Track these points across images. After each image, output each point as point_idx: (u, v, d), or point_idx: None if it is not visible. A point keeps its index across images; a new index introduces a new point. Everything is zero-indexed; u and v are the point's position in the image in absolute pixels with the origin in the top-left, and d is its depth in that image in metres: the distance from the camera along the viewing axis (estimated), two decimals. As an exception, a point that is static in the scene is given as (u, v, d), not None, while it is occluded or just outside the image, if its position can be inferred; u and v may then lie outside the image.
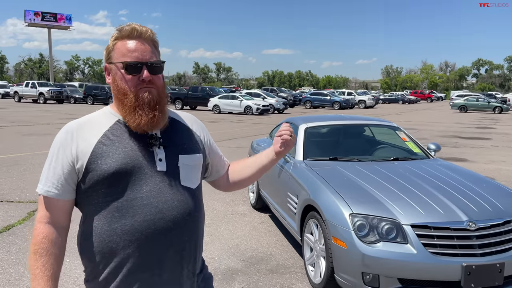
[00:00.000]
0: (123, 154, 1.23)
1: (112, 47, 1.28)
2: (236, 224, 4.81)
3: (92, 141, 1.23)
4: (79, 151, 1.22)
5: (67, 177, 1.23)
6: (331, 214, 3.00)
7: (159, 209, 1.22)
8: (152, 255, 1.22)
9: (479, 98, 34.05)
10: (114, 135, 1.25)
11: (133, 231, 1.20)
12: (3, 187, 6.15)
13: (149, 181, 1.23)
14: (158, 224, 1.21)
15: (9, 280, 3.32)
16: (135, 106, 1.23)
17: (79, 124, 1.28)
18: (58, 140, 1.26)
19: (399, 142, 4.62)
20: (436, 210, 2.88)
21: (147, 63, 1.24)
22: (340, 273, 2.88)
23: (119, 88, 1.25)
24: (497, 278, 2.69)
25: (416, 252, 2.68)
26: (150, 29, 1.28)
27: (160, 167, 1.26)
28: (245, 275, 3.50)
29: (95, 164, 1.21)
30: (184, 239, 1.27)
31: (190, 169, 1.32)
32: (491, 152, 10.98)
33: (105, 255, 1.22)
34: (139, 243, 1.20)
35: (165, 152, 1.28)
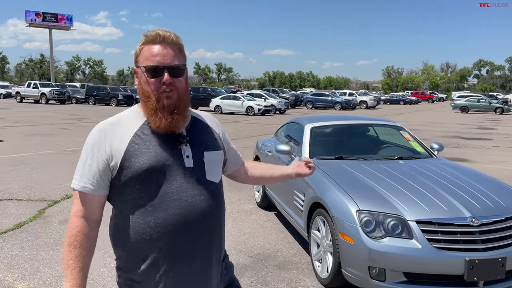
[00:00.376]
0: (154, 152, 1.30)
1: (139, 52, 1.35)
2: (242, 222, 4.91)
3: (125, 140, 1.31)
4: (113, 149, 1.30)
5: (102, 174, 1.31)
6: (338, 211, 3.09)
7: (188, 202, 1.31)
8: (183, 246, 1.31)
9: (480, 99, 34.12)
10: (144, 134, 1.33)
11: (165, 224, 1.28)
12: (12, 186, 6.25)
13: (178, 177, 1.31)
14: (188, 217, 1.30)
15: (24, 274, 3.42)
16: (156, 109, 1.31)
17: (110, 123, 1.36)
18: (92, 138, 1.33)
19: (403, 142, 4.72)
20: (440, 206, 2.97)
21: (168, 67, 1.30)
22: (347, 268, 2.97)
23: (143, 91, 1.34)
24: (499, 272, 2.78)
25: (421, 247, 2.77)
26: (174, 34, 1.34)
27: (188, 164, 1.34)
28: (253, 270, 3.60)
29: (129, 162, 1.29)
30: (211, 229, 1.36)
31: (213, 164, 1.41)
32: (492, 153, 11.06)
33: (139, 247, 1.30)
34: (172, 235, 1.29)
35: (191, 149, 1.36)
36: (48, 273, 3.45)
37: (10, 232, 4.35)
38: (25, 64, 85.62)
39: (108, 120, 1.38)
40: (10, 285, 3.23)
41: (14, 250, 3.89)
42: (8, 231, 4.39)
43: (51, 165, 7.98)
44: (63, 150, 9.78)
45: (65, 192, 5.92)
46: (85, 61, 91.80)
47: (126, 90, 34.63)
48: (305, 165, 1.76)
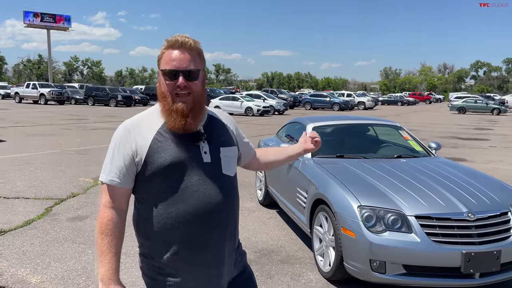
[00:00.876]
0: (175, 149, 1.41)
1: (161, 56, 1.45)
2: (245, 219, 5.03)
3: (148, 137, 1.42)
4: (138, 146, 1.41)
5: (128, 168, 1.42)
6: (340, 207, 3.22)
7: (206, 194, 1.42)
8: (202, 234, 1.42)
9: (478, 100, 34.35)
10: (166, 132, 1.43)
11: (185, 214, 1.39)
12: (18, 185, 6.36)
13: (197, 171, 1.42)
14: (207, 208, 1.41)
15: (36, 269, 3.53)
16: (171, 110, 1.41)
17: (134, 122, 1.47)
18: (118, 136, 1.45)
19: (401, 141, 4.86)
20: (438, 202, 3.11)
21: (183, 71, 1.40)
22: (349, 261, 3.10)
23: (160, 92, 1.45)
24: (494, 265, 2.91)
25: (419, 241, 2.90)
26: (193, 40, 1.44)
27: (206, 159, 1.45)
28: (258, 264, 3.73)
29: (152, 158, 1.40)
30: (227, 219, 1.48)
31: (229, 159, 1.52)
32: (489, 153, 11.22)
33: (161, 235, 1.41)
34: (191, 224, 1.40)
35: (209, 146, 1.47)
36: (60, 267, 3.57)
37: (19, 229, 4.46)
38: (23, 65, 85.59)
39: (132, 119, 1.49)
40: (23, 279, 3.34)
41: (25, 246, 4.01)
42: (18, 228, 4.50)
43: (54, 164, 8.09)
44: (66, 150, 9.88)
45: (71, 191, 6.03)
46: (83, 61, 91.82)
47: (125, 91, 34.73)
48: (312, 140, 1.88)
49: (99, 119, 19.61)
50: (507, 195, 3.38)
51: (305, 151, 1.87)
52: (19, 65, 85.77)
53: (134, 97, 32.87)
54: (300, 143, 1.89)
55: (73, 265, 3.62)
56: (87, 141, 11.63)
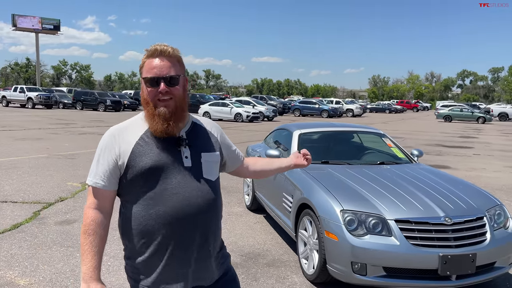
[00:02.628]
0: (156, 153, 1.48)
1: (142, 64, 1.53)
2: (233, 224, 5.11)
3: (132, 142, 1.50)
4: (121, 151, 1.49)
5: (112, 172, 1.50)
6: (323, 211, 3.33)
7: (185, 197, 1.48)
8: (182, 236, 1.48)
9: (463, 109, 35.01)
10: (148, 137, 1.51)
11: (165, 216, 1.45)
12: (5, 189, 6.35)
13: (177, 174, 1.49)
14: (186, 210, 1.47)
15: (24, 272, 3.57)
16: (153, 114, 1.49)
17: (120, 128, 1.55)
18: (104, 141, 1.53)
19: (385, 148, 5.00)
20: (417, 207, 3.24)
21: (164, 77, 1.48)
22: (332, 263, 3.21)
23: (143, 99, 1.52)
24: (470, 267, 3.05)
25: (399, 244, 3.03)
26: (171, 47, 1.52)
27: (186, 163, 1.52)
28: (244, 268, 3.81)
29: (134, 161, 1.47)
30: (207, 222, 1.53)
31: (210, 164, 1.59)
32: (473, 160, 11.48)
33: (143, 236, 1.48)
34: (171, 225, 1.46)
35: (190, 150, 1.54)
36: (48, 270, 3.61)
37: (7, 233, 4.48)
38: (11, 68, 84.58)
39: (119, 125, 1.57)
40: (12, 282, 3.38)
41: (13, 249, 4.03)
42: (6, 231, 4.52)
43: (42, 169, 8.08)
44: (54, 155, 9.85)
45: (59, 195, 6.05)
46: (72, 65, 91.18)
47: (114, 96, 34.59)
48: (303, 156, 1.94)
49: (88, 124, 19.53)
50: (484, 201, 3.53)
51: (295, 166, 1.93)
52: (6, 69, 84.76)
53: (123, 102, 32.74)
54: (292, 158, 1.94)
55: (61, 268, 3.66)
56: (75, 146, 11.60)
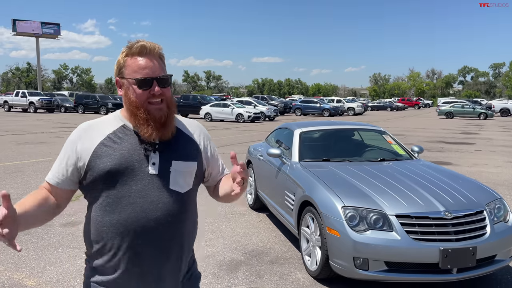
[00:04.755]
0: (120, 155, 1.35)
1: (124, 63, 1.39)
2: (236, 222, 5.17)
3: (95, 141, 1.37)
4: (83, 149, 1.37)
5: (69, 171, 1.38)
6: (325, 208, 3.38)
7: (143, 208, 1.34)
8: (134, 249, 1.34)
9: (465, 105, 34.95)
10: (116, 137, 1.38)
11: (118, 225, 1.33)
12: (11, 192, 6.41)
13: (139, 182, 1.35)
14: (141, 222, 1.33)
15: (32, 273, 3.62)
16: (147, 119, 1.35)
17: (89, 125, 1.43)
18: (70, 137, 1.42)
19: (385, 145, 5.04)
20: (417, 202, 3.28)
21: (157, 78, 1.36)
22: (334, 259, 3.25)
23: (131, 101, 1.37)
24: (470, 260, 3.09)
25: (400, 238, 3.07)
26: (157, 45, 1.39)
27: (152, 171, 1.36)
28: (247, 265, 3.86)
29: (95, 162, 1.35)
30: (166, 237, 1.37)
31: (181, 174, 1.41)
32: (475, 156, 11.49)
33: (97, 242, 1.38)
34: (123, 236, 1.33)
35: (160, 157, 1.38)
36: (55, 271, 3.66)
37: (14, 235, 4.53)
38: (12, 73, 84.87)
39: (90, 121, 1.46)
40: (20, 282, 3.43)
41: (21, 251, 4.09)
42: (12, 234, 4.57)
43: (47, 172, 8.13)
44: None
45: (63, 198, 6.10)
46: (72, 69, 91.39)
47: (116, 98, 34.64)
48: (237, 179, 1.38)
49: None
50: (483, 195, 3.57)
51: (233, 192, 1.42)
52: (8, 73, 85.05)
53: (124, 105, 32.78)
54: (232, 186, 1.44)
55: (68, 269, 3.72)
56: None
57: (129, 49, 1.38)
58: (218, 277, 3.62)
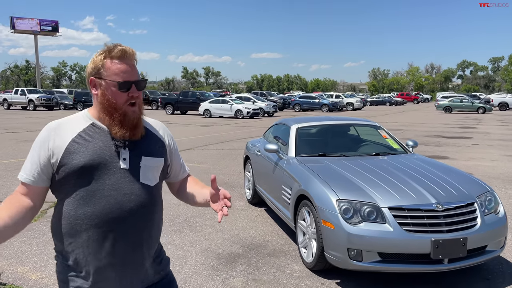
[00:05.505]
0: (92, 152, 1.42)
1: (102, 65, 1.45)
2: (234, 217, 5.26)
3: (67, 139, 1.44)
4: (55, 147, 1.43)
5: (43, 168, 1.43)
6: (320, 201, 3.47)
7: (117, 200, 1.42)
8: (109, 239, 1.41)
9: (463, 99, 35.01)
10: (87, 135, 1.45)
11: (93, 217, 1.40)
12: (12, 189, 6.50)
13: (112, 176, 1.43)
14: (115, 213, 1.41)
15: (35, 267, 3.72)
16: (121, 121, 1.45)
17: (58, 124, 1.49)
18: (40, 136, 1.47)
19: (380, 140, 5.13)
20: (409, 194, 3.38)
21: (135, 82, 1.46)
22: (329, 251, 3.35)
23: (110, 103, 1.44)
24: (461, 251, 3.18)
25: (392, 230, 3.16)
26: (133, 50, 1.49)
27: (123, 165, 1.45)
28: (245, 258, 3.96)
29: (67, 159, 1.41)
30: (139, 227, 1.47)
31: (150, 169, 1.52)
32: (472, 150, 11.58)
33: (70, 236, 1.43)
34: (98, 227, 1.40)
35: (130, 153, 1.47)
36: (58, 265, 3.76)
37: (16, 231, 4.63)
38: (10, 71, 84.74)
39: (57, 120, 1.51)
40: (23, 276, 3.53)
41: (23, 246, 4.19)
42: (15, 229, 4.67)
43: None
44: (57, 155, 10.00)
45: (64, 194, 6.20)
46: (71, 66, 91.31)
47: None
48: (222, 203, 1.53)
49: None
50: (475, 187, 3.67)
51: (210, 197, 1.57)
52: (6, 71, 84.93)
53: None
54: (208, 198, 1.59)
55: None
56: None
57: (108, 52, 1.45)
58: (216, 269, 3.71)
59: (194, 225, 4.94)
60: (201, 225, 4.93)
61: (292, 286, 3.42)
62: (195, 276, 3.58)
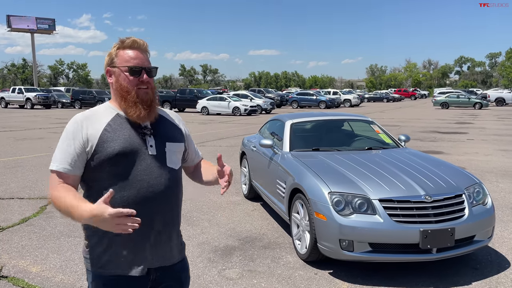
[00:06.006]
0: (123, 140, 1.54)
1: (116, 54, 1.59)
2: (231, 211, 5.36)
3: (99, 128, 1.54)
4: (89, 135, 1.52)
5: (79, 157, 1.52)
6: (313, 194, 3.57)
7: (150, 184, 1.55)
8: (145, 219, 1.50)
9: (460, 95, 35.15)
10: (115, 125, 1.56)
11: (129, 200, 1.51)
12: (11, 186, 6.59)
13: (143, 162, 1.55)
14: (149, 195, 1.54)
15: (36, 260, 3.81)
16: (136, 101, 1.56)
17: (86, 116, 1.58)
18: (70, 128, 1.55)
19: (373, 134, 5.24)
20: (399, 187, 3.48)
21: (145, 68, 1.58)
22: (322, 242, 3.45)
23: (122, 87, 1.57)
24: (449, 240, 3.29)
25: (383, 221, 3.27)
26: (145, 42, 1.62)
27: (151, 152, 1.58)
28: (241, 250, 4.06)
29: (101, 147, 1.51)
30: (169, 207, 1.62)
31: (174, 154, 1.66)
32: (466, 145, 11.70)
33: None
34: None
35: (155, 140, 1.60)
36: (58, 258, 3.85)
37: (17, 226, 4.73)
38: (7, 69, 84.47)
39: (83, 112, 1.61)
40: (24, 269, 3.62)
41: (24, 241, 4.28)
42: (15, 225, 4.77)
43: (46, 166, 8.30)
44: (56, 153, 10.07)
45: (63, 191, 6.28)
46: (68, 65, 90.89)
47: (112, 94, 34.69)
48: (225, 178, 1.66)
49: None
50: (463, 180, 3.77)
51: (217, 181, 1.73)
52: (3, 70, 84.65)
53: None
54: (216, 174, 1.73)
55: (70, 256, 3.91)
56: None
57: (121, 43, 1.60)
58: (213, 261, 3.81)
59: (191, 219, 5.03)
60: (198, 219, 5.02)
61: (286, 276, 3.52)
62: (191, 267, 3.68)
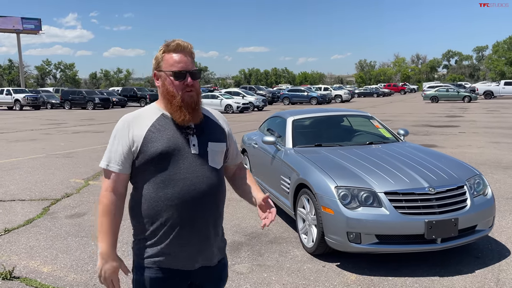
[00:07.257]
0: (167, 139, 1.59)
1: (161, 58, 1.63)
2: (234, 208, 5.43)
3: (144, 129, 1.60)
4: (134, 136, 1.59)
5: (126, 156, 1.60)
6: (320, 188, 3.65)
7: (192, 182, 1.58)
8: (187, 216, 1.58)
9: (449, 89, 35.57)
10: (160, 125, 1.62)
11: (173, 198, 1.57)
12: (11, 188, 6.57)
13: (186, 161, 1.60)
14: (192, 193, 1.58)
15: (46, 260, 3.84)
16: (181, 106, 1.60)
17: (133, 116, 1.66)
18: (119, 128, 1.63)
19: (373, 129, 5.33)
20: (403, 180, 3.57)
21: (190, 71, 1.61)
22: (330, 235, 3.53)
23: (168, 91, 1.61)
24: (453, 230, 3.40)
25: (388, 213, 3.36)
26: (190, 44, 1.64)
27: (194, 151, 1.62)
28: (248, 245, 4.13)
29: (146, 147, 1.57)
30: (210, 205, 1.64)
31: (216, 153, 1.69)
32: (459, 138, 11.90)
33: (151, 216, 1.59)
34: (177, 207, 1.57)
35: (198, 139, 1.64)
36: (67, 258, 3.88)
37: (22, 228, 4.74)
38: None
39: (132, 113, 1.69)
40: (36, 269, 3.65)
41: (31, 242, 4.30)
42: (20, 226, 4.77)
43: (43, 168, 8.28)
44: (51, 154, 10.04)
45: (64, 191, 6.29)
46: (55, 65, 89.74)
47: (102, 93, 34.48)
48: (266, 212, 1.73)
49: (79, 123, 19.60)
50: (464, 172, 3.88)
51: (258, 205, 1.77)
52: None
53: (111, 99, 32.70)
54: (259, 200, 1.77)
55: (80, 255, 3.94)
56: (71, 145, 11.77)
57: (166, 46, 1.63)
58: (222, 257, 3.87)
59: (195, 217, 5.08)
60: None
61: (295, 269, 3.60)
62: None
